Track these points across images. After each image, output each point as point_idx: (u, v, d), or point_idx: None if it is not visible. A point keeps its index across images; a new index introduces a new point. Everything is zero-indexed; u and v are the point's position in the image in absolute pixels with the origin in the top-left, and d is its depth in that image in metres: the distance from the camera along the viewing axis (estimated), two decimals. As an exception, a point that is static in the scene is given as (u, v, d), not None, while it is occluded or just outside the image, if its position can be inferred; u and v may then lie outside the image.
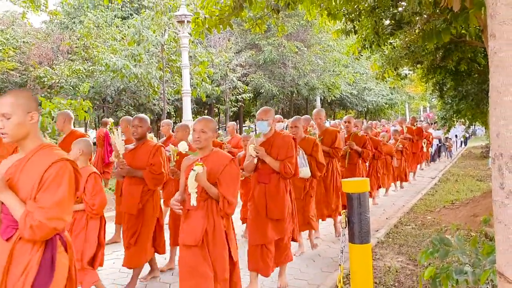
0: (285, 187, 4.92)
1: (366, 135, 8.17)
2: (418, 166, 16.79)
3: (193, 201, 3.59)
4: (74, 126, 19.73)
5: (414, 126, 14.91)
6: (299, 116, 6.52)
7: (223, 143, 8.32)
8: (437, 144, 20.54)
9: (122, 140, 5.28)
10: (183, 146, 3.92)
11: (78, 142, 4.64)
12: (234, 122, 11.40)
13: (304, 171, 5.82)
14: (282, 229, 4.86)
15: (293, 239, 5.18)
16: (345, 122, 8.23)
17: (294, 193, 5.82)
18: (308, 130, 6.94)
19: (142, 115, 5.40)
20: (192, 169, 3.53)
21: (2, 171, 2.58)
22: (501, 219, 1.84)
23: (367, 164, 9.05)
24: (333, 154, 6.90)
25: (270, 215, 4.79)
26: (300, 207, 5.95)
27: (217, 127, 6.89)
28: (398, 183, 12.40)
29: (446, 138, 21.58)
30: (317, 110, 7.31)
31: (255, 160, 4.84)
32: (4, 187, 2.45)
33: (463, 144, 29.35)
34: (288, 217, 4.92)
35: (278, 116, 9.69)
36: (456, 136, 25.36)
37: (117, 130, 5.60)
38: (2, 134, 2.52)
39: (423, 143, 15.34)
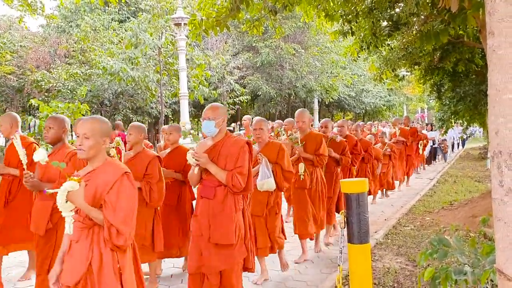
0: (234, 204, 3.96)
1: (345, 140, 7.16)
2: (415, 169, 16.10)
3: (68, 229, 2.83)
4: (72, 129, 19.71)
5: (408, 126, 13.71)
6: (264, 118, 5.67)
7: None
8: (431, 146, 19.64)
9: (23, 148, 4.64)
10: (39, 155, 3.00)
11: None
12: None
13: (268, 183, 5.03)
14: (229, 257, 3.91)
15: (246, 269, 4.24)
16: (322, 127, 7.15)
17: (255, 208, 5.14)
18: (289, 133, 6.47)
19: (58, 115, 4.51)
20: (61, 187, 2.74)
21: None
22: (501, 217, 1.83)
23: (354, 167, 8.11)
24: (317, 163, 6.07)
25: (213, 238, 3.88)
26: (261, 226, 5.20)
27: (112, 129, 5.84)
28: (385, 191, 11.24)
29: (442, 140, 20.97)
30: (299, 111, 6.29)
31: (196, 170, 3.99)
32: None
33: (460, 145, 28.98)
34: (239, 242, 3.98)
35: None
36: (453, 138, 24.92)
37: (16, 137, 4.89)
38: None
39: (419, 145, 14.60)
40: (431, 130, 20.33)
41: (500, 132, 1.80)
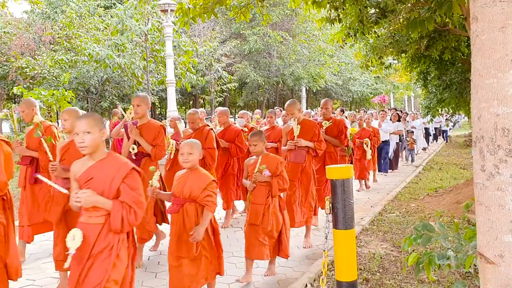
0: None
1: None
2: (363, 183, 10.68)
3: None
4: (58, 117, 19.53)
5: (329, 120, 7.10)
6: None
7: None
8: (397, 142, 13.82)
9: None
10: None
11: None
12: (274, 110, 9.06)
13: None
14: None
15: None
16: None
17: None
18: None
19: None
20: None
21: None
22: (482, 201, 1.85)
23: None
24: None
25: None
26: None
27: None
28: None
29: (407, 131, 15.57)
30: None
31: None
32: None
33: (437, 138, 24.67)
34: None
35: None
36: (425, 129, 20.05)
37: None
38: None
39: (364, 146, 10.26)
40: (398, 120, 14.37)
41: (482, 117, 1.82)
